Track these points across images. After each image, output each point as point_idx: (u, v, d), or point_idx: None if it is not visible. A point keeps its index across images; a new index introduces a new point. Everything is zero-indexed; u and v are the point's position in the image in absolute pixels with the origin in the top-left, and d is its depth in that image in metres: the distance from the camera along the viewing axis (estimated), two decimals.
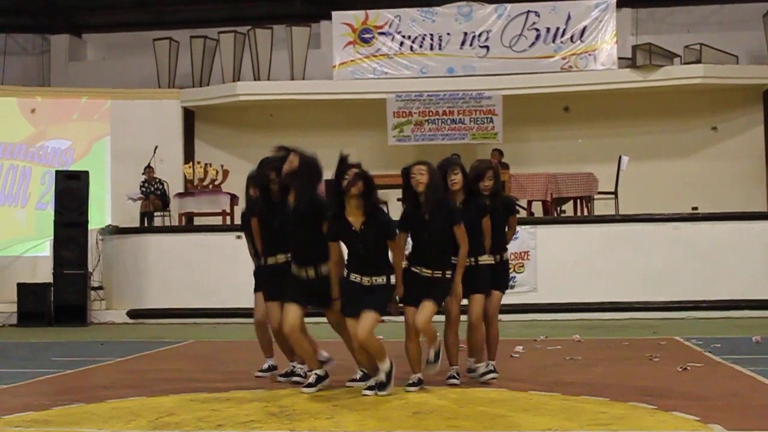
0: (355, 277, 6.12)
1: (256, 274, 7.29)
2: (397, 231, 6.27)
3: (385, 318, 6.13)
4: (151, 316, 14.93)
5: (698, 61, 17.97)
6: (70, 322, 14.03)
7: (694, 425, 4.96)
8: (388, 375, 6.07)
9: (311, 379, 6.30)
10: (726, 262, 13.51)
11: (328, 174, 6.18)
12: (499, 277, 6.82)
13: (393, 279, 6.15)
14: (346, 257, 6.30)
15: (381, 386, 6.02)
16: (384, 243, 6.12)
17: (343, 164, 6.02)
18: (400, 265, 6.24)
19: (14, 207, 17.98)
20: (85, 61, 22.07)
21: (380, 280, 6.10)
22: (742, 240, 13.71)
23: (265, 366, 7.37)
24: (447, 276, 6.25)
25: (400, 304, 6.38)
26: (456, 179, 6.46)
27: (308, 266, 6.36)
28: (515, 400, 5.96)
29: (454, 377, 6.53)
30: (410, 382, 6.28)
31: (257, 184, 6.86)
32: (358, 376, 6.54)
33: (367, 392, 6.04)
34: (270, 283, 6.93)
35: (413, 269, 6.31)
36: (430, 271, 6.23)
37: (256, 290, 7.33)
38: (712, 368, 7.15)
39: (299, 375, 6.85)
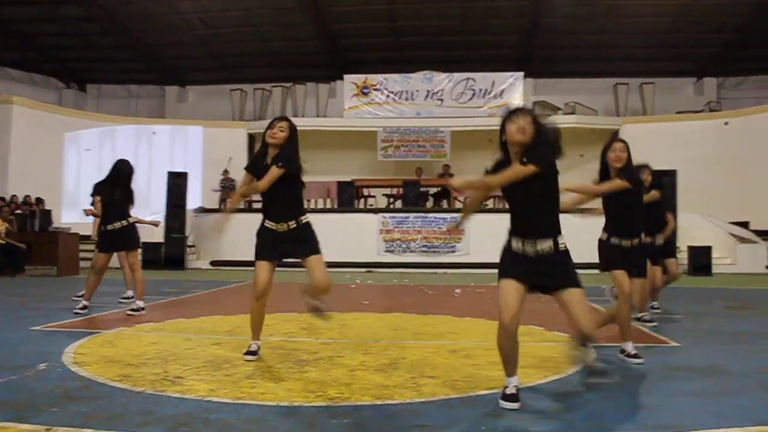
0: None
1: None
2: None
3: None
4: (225, 265, 14.72)
5: (573, 113, 18.20)
6: (173, 267, 13.85)
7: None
8: None
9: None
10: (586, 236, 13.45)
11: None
12: None
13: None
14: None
15: None
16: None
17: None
18: None
19: None
20: (187, 103, 21.85)
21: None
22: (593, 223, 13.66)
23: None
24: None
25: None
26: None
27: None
28: (455, 323, 5.94)
29: None
30: None
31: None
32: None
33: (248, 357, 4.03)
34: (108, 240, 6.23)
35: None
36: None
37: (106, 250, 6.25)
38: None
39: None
